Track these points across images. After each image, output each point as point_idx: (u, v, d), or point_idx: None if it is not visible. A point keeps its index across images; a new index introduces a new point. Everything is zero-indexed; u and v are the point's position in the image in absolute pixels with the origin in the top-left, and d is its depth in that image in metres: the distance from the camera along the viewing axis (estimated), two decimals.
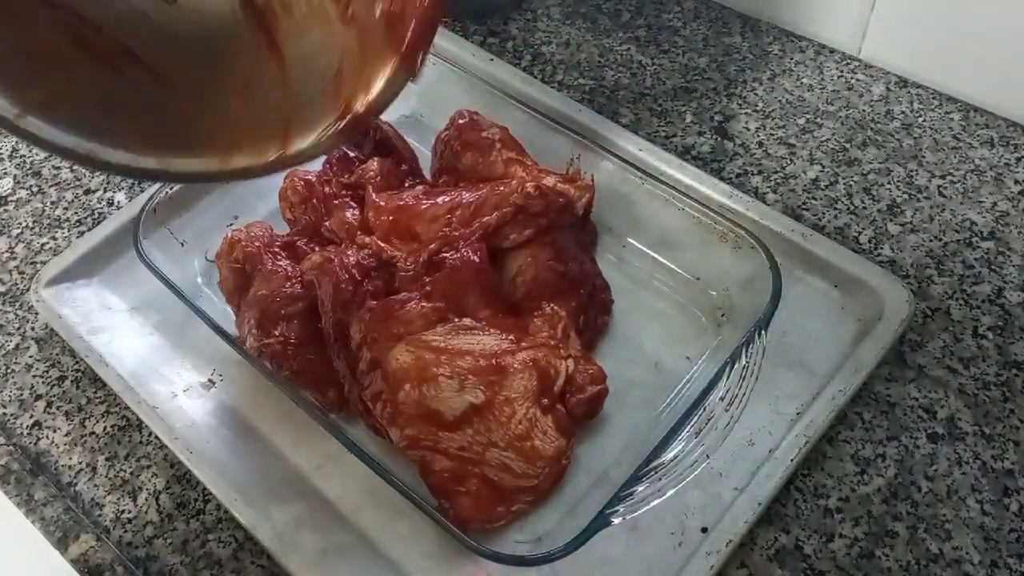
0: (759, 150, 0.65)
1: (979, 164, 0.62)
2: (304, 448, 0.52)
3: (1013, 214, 0.59)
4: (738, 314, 0.54)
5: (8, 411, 0.58)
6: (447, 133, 0.60)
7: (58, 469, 0.55)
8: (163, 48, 0.36)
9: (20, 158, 0.74)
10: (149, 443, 0.55)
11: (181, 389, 0.56)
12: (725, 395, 0.45)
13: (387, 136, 0.60)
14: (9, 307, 0.64)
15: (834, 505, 0.49)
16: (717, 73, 0.70)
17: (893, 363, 0.53)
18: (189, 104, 0.37)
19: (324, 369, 0.51)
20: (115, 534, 0.52)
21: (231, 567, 0.50)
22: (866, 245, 0.59)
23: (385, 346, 0.47)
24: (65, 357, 0.60)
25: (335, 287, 0.50)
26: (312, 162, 0.60)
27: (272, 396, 0.54)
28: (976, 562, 0.46)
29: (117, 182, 0.71)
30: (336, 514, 0.50)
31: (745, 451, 0.49)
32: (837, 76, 0.69)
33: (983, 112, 0.65)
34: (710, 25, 0.74)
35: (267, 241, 0.56)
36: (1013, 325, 0.54)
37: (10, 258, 0.67)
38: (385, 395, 0.47)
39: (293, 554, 0.48)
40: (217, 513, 0.52)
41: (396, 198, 0.54)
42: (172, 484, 0.53)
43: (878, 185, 0.62)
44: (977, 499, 0.48)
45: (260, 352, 0.51)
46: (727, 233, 0.53)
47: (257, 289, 0.53)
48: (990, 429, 0.50)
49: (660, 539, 0.47)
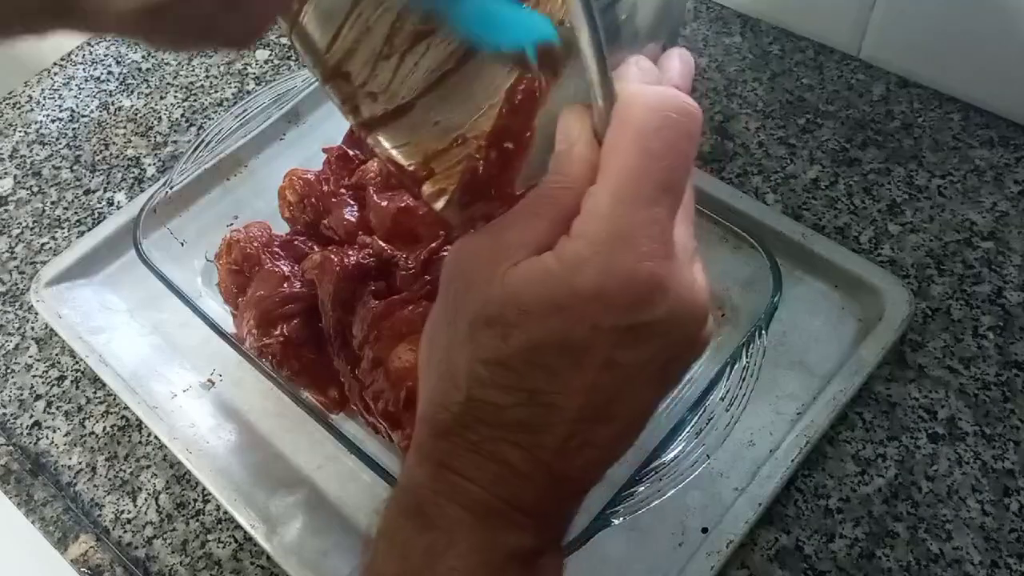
0: (759, 150, 0.65)
1: (979, 164, 0.62)
2: (304, 448, 0.52)
3: (1013, 214, 0.59)
4: (738, 314, 0.54)
5: (8, 411, 0.58)
6: None
7: (58, 469, 0.55)
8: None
9: (20, 158, 0.74)
10: (149, 443, 0.55)
11: (181, 389, 0.56)
12: (725, 395, 0.45)
13: None
14: (9, 307, 0.64)
15: (835, 505, 0.48)
16: (717, 73, 0.70)
17: (894, 363, 0.53)
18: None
19: (324, 369, 0.51)
20: (115, 534, 0.52)
21: (231, 567, 0.50)
22: (866, 245, 0.59)
23: (387, 345, 0.47)
24: (65, 357, 0.60)
25: (336, 286, 0.50)
26: (312, 162, 0.61)
27: (272, 396, 0.54)
28: (976, 562, 0.46)
29: (117, 182, 0.71)
30: (336, 514, 0.50)
31: (746, 451, 0.49)
32: (837, 76, 0.69)
33: (983, 112, 0.65)
34: (710, 25, 0.74)
35: (265, 241, 0.55)
36: (1013, 325, 0.54)
37: (10, 258, 0.67)
38: (387, 394, 0.47)
39: (293, 554, 0.48)
40: (217, 513, 0.52)
41: (398, 199, 0.54)
42: (172, 484, 0.53)
43: (878, 185, 0.62)
44: (977, 499, 0.48)
45: (260, 352, 0.51)
46: (727, 233, 0.53)
47: (255, 289, 0.53)
48: (990, 429, 0.50)
49: (660, 539, 0.47)
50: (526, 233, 0.29)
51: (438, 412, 0.30)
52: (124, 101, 0.77)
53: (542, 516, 0.30)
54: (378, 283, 0.51)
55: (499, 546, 0.29)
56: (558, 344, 0.27)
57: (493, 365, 0.28)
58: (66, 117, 0.77)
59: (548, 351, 0.28)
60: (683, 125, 0.28)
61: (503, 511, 0.29)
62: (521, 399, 0.28)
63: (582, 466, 0.30)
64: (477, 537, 0.29)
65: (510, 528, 0.30)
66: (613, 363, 0.28)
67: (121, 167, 0.72)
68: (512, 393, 0.28)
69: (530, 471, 0.29)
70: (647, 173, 0.27)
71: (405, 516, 0.31)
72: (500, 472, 0.29)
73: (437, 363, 0.31)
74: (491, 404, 0.29)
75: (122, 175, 0.71)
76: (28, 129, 0.76)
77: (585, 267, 0.27)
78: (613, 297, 0.27)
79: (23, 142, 0.75)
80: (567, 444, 0.29)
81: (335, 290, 0.50)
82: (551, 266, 0.28)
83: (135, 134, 0.74)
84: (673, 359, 0.29)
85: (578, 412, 0.28)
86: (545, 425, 0.29)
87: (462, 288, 0.30)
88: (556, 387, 0.28)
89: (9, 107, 0.78)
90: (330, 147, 0.60)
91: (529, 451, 0.29)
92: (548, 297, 0.27)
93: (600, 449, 0.30)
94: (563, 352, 0.28)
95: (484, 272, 0.29)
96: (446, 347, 0.30)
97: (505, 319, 0.28)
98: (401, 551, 0.30)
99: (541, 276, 0.28)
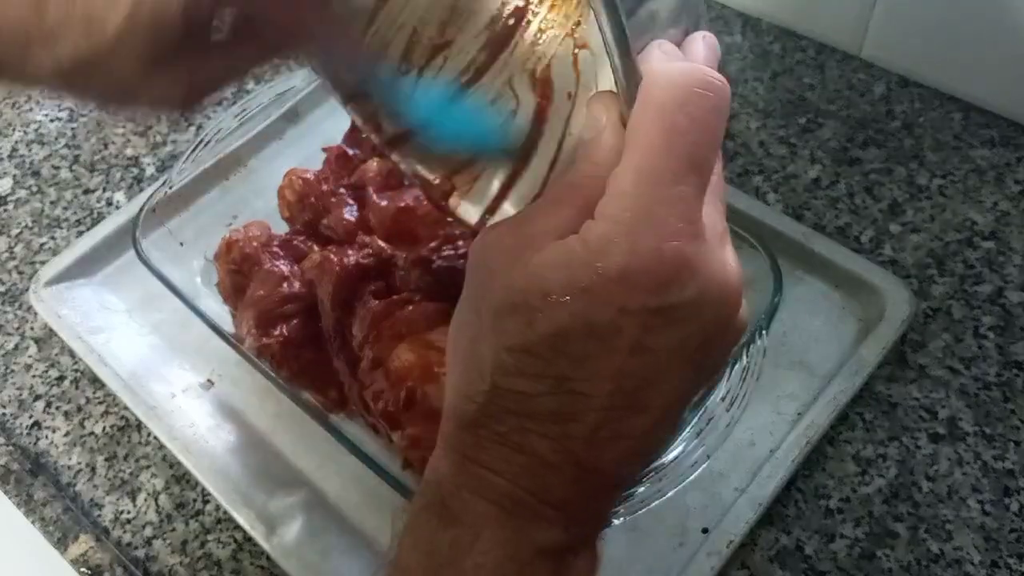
0: (760, 149, 0.65)
1: (980, 164, 0.62)
2: (304, 448, 0.52)
3: (1014, 214, 0.59)
4: None
5: (7, 411, 0.58)
6: None
7: (57, 469, 0.55)
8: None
9: (20, 158, 0.74)
10: (148, 443, 0.55)
11: (180, 389, 0.56)
12: (726, 395, 0.45)
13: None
14: (8, 307, 0.64)
15: (835, 505, 0.48)
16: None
17: (894, 363, 0.53)
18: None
19: (324, 369, 0.51)
20: (114, 534, 0.52)
21: (230, 568, 0.50)
22: (867, 245, 0.59)
23: (387, 345, 0.47)
24: (64, 357, 0.60)
25: (335, 286, 0.50)
26: (311, 162, 0.61)
27: (271, 396, 0.54)
28: (976, 562, 0.46)
29: (116, 181, 0.71)
30: (336, 514, 0.50)
31: (746, 451, 0.49)
32: (838, 75, 0.69)
33: (984, 112, 0.64)
34: (710, 24, 0.74)
35: (264, 241, 0.55)
36: (1014, 325, 0.54)
37: (9, 258, 0.67)
38: (386, 394, 0.46)
39: (292, 555, 0.48)
40: (216, 513, 0.52)
41: (398, 199, 0.54)
42: (171, 484, 0.53)
43: (879, 185, 0.62)
44: (978, 499, 0.48)
45: (259, 352, 0.51)
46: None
47: (255, 289, 0.53)
48: (991, 429, 0.50)
49: (661, 540, 0.47)
50: (551, 220, 0.28)
51: (463, 403, 0.29)
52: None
53: (572, 511, 0.29)
54: (378, 283, 0.51)
55: (526, 541, 0.28)
56: (584, 328, 0.27)
57: (518, 352, 0.27)
58: (65, 116, 0.76)
59: (574, 336, 0.27)
60: (709, 100, 0.27)
61: (530, 504, 0.28)
62: (548, 387, 0.27)
63: (615, 459, 0.29)
64: (503, 532, 0.28)
65: (538, 522, 0.29)
66: (642, 348, 0.27)
67: (120, 167, 0.72)
68: (539, 381, 0.27)
69: (559, 462, 0.28)
70: (671, 149, 0.27)
71: (429, 511, 0.30)
72: (527, 464, 0.28)
73: (463, 355, 0.30)
74: (517, 393, 0.28)
75: (121, 175, 0.71)
76: (27, 128, 0.76)
77: (609, 248, 0.26)
78: (639, 278, 0.26)
79: (22, 142, 0.75)
80: (597, 434, 0.28)
81: (335, 290, 0.50)
82: (575, 248, 0.27)
83: (134, 134, 0.74)
84: (706, 344, 0.28)
85: (608, 400, 0.27)
86: (574, 414, 0.28)
87: (486, 277, 0.29)
88: (584, 374, 0.27)
89: (8, 106, 0.78)
90: (330, 146, 0.60)
91: (558, 441, 0.28)
92: (572, 280, 0.26)
93: (633, 440, 0.29)
94: (590, 337, 0.27)
95: (508, 260, 0.28)
96: (471, 338, 0.30)
97: (529, 304, 0.27)
98: (426, 547, 0.29)
99: (565, 259, 0.27)
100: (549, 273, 0.27)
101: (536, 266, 0.27)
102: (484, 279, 0.30)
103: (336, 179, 0.58)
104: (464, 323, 0.31)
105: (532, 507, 0.28)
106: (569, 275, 0.27)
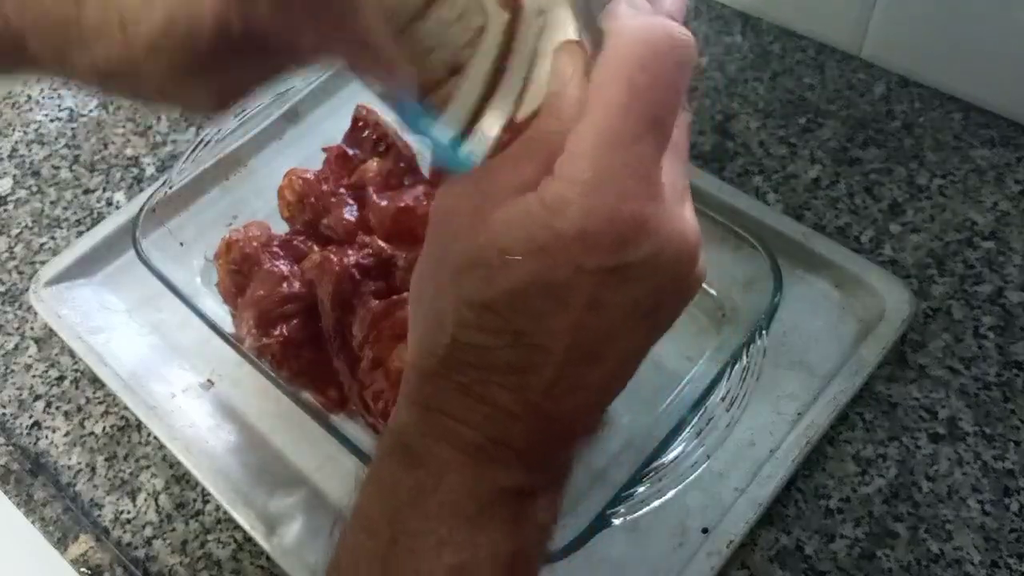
0: (760, 149, 0.65)
1: (980, 164, 0.62)
2: (304, 448, 0.52)
3: (1014, 214, 0.59)
4: (739, 314, 0.54)
5: (7, 411, 0.58)
6: None
7: (57, 469, 0.55)
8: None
9: (20, 158, 0.74)
10: (148, 443, 0.55)
11: (180, 389, 0.56)
12: (726, 395, 0.45)
13: (386, 135, 0.60)
14: (8, 307, 0.64)
15: (835, 505, 0.48)
16: (718, 72, 0.70)
17: (894, 363, 0.53)
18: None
19: (324, 369, 0.51)
20: (114, 534, 0.52)
21: (230, 568, 0.50)
22: (867, 245, 0.59)
23: (387, 345, 0.47)
24: (64, 357, 0.60)
25: (335, 286, 0.50)
26: (311, 162, 0.61)
27: (271, 396, 0.54)
28: (976, 562, 0.46)
29: (116, 181, 0.71)
30: (336, 514, 0.50)
31: (746, 451, 0.49)
32: (838, 75, 0.69)
33: (984, 112, 0.64)
34: (710, 24, 0.74)
35: (265, 241, 0.55)
36: (1014, 325, 0.54)
37: (9, 258, 0.67)
38: (387, 394, 0.47)
39: (292, 555, 0.48)
40: (216, 513, 0.52)
41: (398, 199, 0.54)
42: (171, 484, 0.53)
43: (879, 185, 0.62)
44: (978, 499, 0.48)
45: (259, 352, 0.51)
46: (727, 233, 0.53)
47: (255, 290, 0.53)
48: (991, 429, 0.50)
49: (661, 540, 0.47)
50: (512, 176, 0.28)
51: (425, 358, 0.30)
52: (123, 100, 0.77)
53: (534, 457, 0.30)
54: (378, 283, 0.51)
55: (488, 482, 0.29)
56: (541, 287, 0.27)
57: (478, 308, 0.28)
58: (65, 116, 0.76)
59: (532, 294, 0.27)
60: (671, 56, 0.27)
61: (493, 450, 0.29)
62: (507, 341, 0.28)
63: (573, 408, 0.30)
64: (466, 474, 0.29)
65: (500, 465, 0.29)
66: (599, 304, 0.27)
67: (120, 167, 0.72)
68: (498, 336, 0.28)
69: (520, 412, 0.29)
70: (631, 109, 0.26)
71: (392, 457, 0.31)
72: (490, 413, 0.29)
73: (424, 310, 0.31)
74: (477, 347, 0.28)
75: (121, 175, 0.71)
76: (27, 129, 0.76)
77: (566, 208, 0.26)
78: (595, 238, 0.26)
79: (22, 142, 0.75)
80: (556, 386, 0.29)
81: (335, 290, 0.50)
82: (532, 207, 0.27)
83: (134, 134, 0.74)
84: (663, 300, 0.29)
85: (565, 354, 0.28)
86: (532, 366, 0.28)
87: (448, 232, 0.30)
88: (541, 329, 0.28)
89: (8, 107, 0.78)
90: (330, 146, 0.60)
91: (518, 392, 0.29)
92: (530, 239, 0.27)
93: (591, 392, 0.30)
94: (547, 295, 0.27)
95: (469, 215, 0.29)
96: (433, 292, 0.30)
97: (488, 262, 0.28)
98: (389, 491, 0.30)
99: (522, 218, 0.27)
100: (507, 231, 0.27)
101: (495, 223, 0.28)
102: (446, 233, 0.30)
103: (336, 179, 0.58)
104: (425, 280, 0.31)
105: (495, 453, 0.29)
106: (527, 234, 0.27)
